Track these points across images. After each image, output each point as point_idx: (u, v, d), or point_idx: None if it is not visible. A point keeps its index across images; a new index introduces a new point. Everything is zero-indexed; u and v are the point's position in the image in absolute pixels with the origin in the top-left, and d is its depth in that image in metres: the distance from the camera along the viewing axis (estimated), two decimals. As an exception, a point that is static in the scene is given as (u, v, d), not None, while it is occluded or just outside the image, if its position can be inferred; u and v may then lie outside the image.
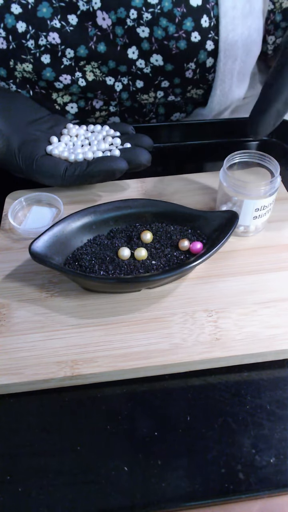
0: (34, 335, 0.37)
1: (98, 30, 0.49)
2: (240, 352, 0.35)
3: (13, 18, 0.47)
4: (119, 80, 0.53)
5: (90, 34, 0.49)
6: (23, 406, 0.34)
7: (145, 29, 0.49)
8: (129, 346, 0.36)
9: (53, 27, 0.48)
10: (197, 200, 0.49)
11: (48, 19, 0.48)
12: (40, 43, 0.49)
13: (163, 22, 0.49)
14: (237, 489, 0.30)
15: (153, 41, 0.50)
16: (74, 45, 0.49)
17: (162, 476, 0.30)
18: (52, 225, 0.40)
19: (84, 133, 0.52)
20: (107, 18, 0.48)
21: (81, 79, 0.52)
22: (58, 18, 0.48)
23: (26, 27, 0.48)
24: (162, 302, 0.39)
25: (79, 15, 0.48)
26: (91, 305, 0.39)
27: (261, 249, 0.43)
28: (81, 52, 0.50)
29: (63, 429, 0.33)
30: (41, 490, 0.30)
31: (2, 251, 0.44)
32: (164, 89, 0.55)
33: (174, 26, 0.49)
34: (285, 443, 0.32)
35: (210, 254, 0.38)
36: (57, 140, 0.50)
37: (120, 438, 0.32)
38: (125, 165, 0.46)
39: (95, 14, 0.48)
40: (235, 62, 0.54)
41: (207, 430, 0.32)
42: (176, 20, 0.49)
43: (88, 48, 0.50)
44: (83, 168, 0.47)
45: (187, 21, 0.49)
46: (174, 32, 0.49)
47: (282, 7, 0.53)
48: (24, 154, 0.47)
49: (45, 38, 0.48)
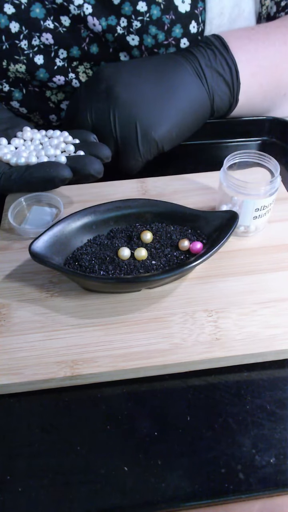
0: (34, 335, 0.37)
1: (91, 32, 0.49)
2: (240, 352, 0.35)
3: (6, 18, 0.47)
4: None
5: (83, 35, 0.49)
6: (23, 406, 0.34)
7: (135, 37, 0.49)
8: (129, 346, 0.36)
9: (46, 27, 0.48)
10: (197, 200, 0.48)
11: (41, 19, 0.48)
12: (34, 43, 0.49)
13: (152, 29, 0.49)
14: (237, 489, 0.30)
15: (143, 49, 0.50)
16: (67, 46, 0.49)
17: (162, 476, 0.30)
18: (52, 225, 0.40)
19: (41, 138, 0.48)
20: (98, 24, 0.48)
21: (74, 80, 0.52)
22: (51, 19, 0.48)
23: (19, 27, 0.48)
24: (162, 302, 0.39)
25: (72, 17, 0.48)
26: (91, 305, 0.39)
27: (261, 249, 0.43)
28: (74, 52, 0.50)
29: (63, 429, 0.33)
30: (41, 490, 0.30)
31: (2, 251, 0.44)
32: None
33: (163, 33, 0.49)
34: (285, 443, 0.32)
35: (210, 254, 0.38)
36: (5, 142, 0.46)
37: (120, 438, 0.32)
38: (68, 173, 0.41)
39: (86, 19, 0.48)
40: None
41: (207, 430, 0.32)
42: (165, 28, 0.49)
43: (81, 49, 0.50)
44: (21, 173, 0.42)
45: (176, 28, 0.49)
46: (164, 40, 0.49)
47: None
48: None
49: (39, 38, 0.48)
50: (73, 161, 0.43)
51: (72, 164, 0.43)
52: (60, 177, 0.41)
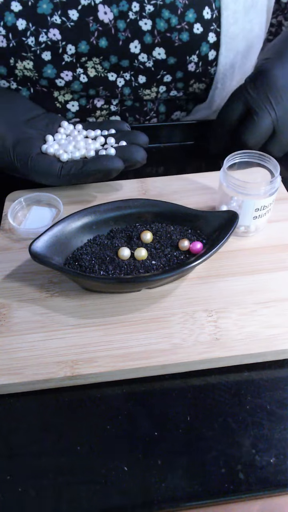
0: (34, 335, 0.37)
1: (100, 25, 0.49)
2: (240, 352, 0.35)
3: (13, 16, 0.47)
4: (121, 75, 0.53)
5: (91, 29, 0.49)
6: (23, 406, 0.34)
7: (148, 21, 0.49)
8: (129, 346, 0.36)
9: (53, 23, 0.48)
10: (197, 200, 0.48)
11: (48, 15, 0.48)
12: (41, 40, 0.48)
13: (165, 14, 0.49)
14: (237, 489, 0.30)
15: (156, 33, 0.50)
16: (75, 41, 0.49)
17: (162, 476, 0.30)
18: (52, 225, 0.40)
19: (79, 132, 0.52)
20: (109, 12, 0.48)
21: (82, 75, 0.52)
22: (59, 14, 0.48)
23: (26, 24, 0.48)
24: (162, 302, 0.39)
25: (80, 10, 0.48)
26: (91, 305, 0.39)
27: (261, 249, 0.43)
28: (82, 48, 0.49)
29: (63, 429, 0.33)
30: (41, 490, 0.30)
31: (2, 251, 0.44)
32: (166, 83, 0.55)
33: (177, 17, 0.49)
34: (285, 443, 0.32)
35: (210, 254, 0.38)
36: (52, 139, 0.50)
37: (120, 438, 0.32)
38: (121, 164, 0.46)
39: (96, 8, 0.48)
40: (236, 56, 0.54)
41: (207, 430, 0.32)
42: (179, 12, 0.49)
43: (89, 43, 0.49)
44: (79, 167, 0.46)
45: (189, 12, 0.49)
46: (177, 24, 0.49)
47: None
48: (19, 153, 0.47)
49: (46, 34, 0.48)
50: (121, 151, 0.48)
51: (120, 154, 0.47)
52: (116, 168, 0.46)
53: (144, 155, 0.48)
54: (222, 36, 0.52)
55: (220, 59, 0.53)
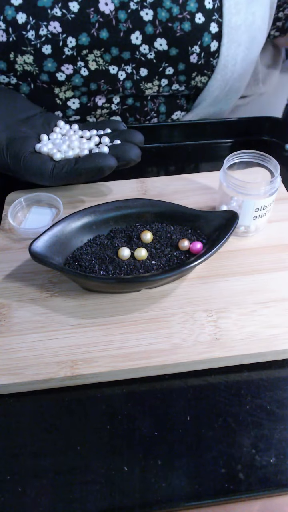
0: (34, 335, 0.37)
1: (100, 16, 0.48)
2: (240, 352, 0.35)
3: (13, 10, 0.47)
4: (122, 68, 0.53)
5: (92, 21, 0.49)
6: (23, 406, 0.34)
7: (149, 11, 0.49)
8: (129, 346, 0.36)
9: (53, 15, 0.48)
10: (197, 200, 0.48)
11: (48, 8, 0.47)
12: (41, 33, 0.48)
13: (167, 3, 0.49)
14: (237, 489, 0.30)
15: (157, 24, 0.50)
16: (75, 33, 0.49)
17: (162, 476, 0.30)
18: (52, 225, 0.40)
19: (75, 132, 0.51)
20: (110, 3, 0.48)
21: (83, 69, 0.51)
22: (59, 6, 0.48)
23: (26, 18, 0.47)
24: (162, 302, 0.39)
25: (81, 2, 0.48)
26: (91, 305, 0.39)
27: (261, 249, 0.43)
28: (83, 40, 0.49)
29: (63, 429, 0.33)
30: (41, 490, 0.30)
31: (2, 251, 0.44)
32: (168, 76, 0.55)
33: (178, 7, 0.49)
34: (285, 443, 0.32)
35: (210, 254, 0.38)
36: (47, 138, 0.49)
37: (120, 438, 0.32)
38: (114, 161, 0.45)
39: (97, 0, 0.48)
40: (238, 47, 0.54)
41: (207, 430, 0.32)
42: (180, 1, 0.49)
43: (90, 35, 0.49)
44: (71, 165, 0.46)
45: (191, 2, 0.49)
46: (178, 14, 0.49)
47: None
48: (12, 151, 0.47)
49: (46, 27, 0.48)
50: (114, 149, 0.47)
51: (114, 152, 0.47)
52: (109, 166, 0.45)
53: (138, 153, 0.47)
54: (224, 27, 0.51)
55: (222, 50, 0.53)
